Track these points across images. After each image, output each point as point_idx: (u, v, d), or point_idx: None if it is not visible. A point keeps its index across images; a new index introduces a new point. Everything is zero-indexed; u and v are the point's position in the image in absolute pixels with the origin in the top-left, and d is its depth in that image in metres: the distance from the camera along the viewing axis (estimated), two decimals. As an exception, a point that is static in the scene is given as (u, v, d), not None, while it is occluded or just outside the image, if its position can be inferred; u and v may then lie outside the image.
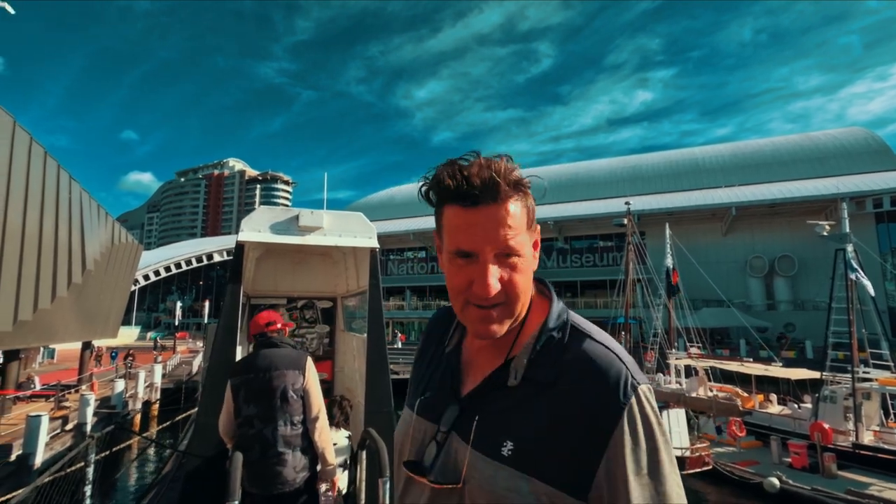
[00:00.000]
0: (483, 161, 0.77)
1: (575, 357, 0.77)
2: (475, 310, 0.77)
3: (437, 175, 0.78)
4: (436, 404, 0.87)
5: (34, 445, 9.41)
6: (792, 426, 15.89)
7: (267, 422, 2.84)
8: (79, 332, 16.24)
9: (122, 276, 19.57)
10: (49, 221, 11.36)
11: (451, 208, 0.78)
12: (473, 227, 0.75)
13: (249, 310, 5.65)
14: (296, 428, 2.89)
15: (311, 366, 3.05)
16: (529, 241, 0.82)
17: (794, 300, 35.81)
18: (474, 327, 0.79)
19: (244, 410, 2.88)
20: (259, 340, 3.10)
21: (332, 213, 4.14)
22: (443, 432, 0.83)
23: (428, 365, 0.98)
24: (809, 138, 45.17)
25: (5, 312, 9.63)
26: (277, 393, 2.87)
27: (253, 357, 3.01)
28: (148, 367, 21.49)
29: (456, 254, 0.77)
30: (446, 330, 0.98)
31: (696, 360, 20.63)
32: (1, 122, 9.05)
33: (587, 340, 0.79)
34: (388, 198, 62.83)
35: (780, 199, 35.68)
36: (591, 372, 0.74)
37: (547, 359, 0.78)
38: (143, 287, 59.55)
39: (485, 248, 0.75)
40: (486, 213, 0.75)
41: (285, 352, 3.02)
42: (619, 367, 0.73)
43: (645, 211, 38.71)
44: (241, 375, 2.95)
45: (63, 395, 14.50)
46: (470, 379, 0.86)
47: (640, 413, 0.70)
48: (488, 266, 0.75)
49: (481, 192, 0.74)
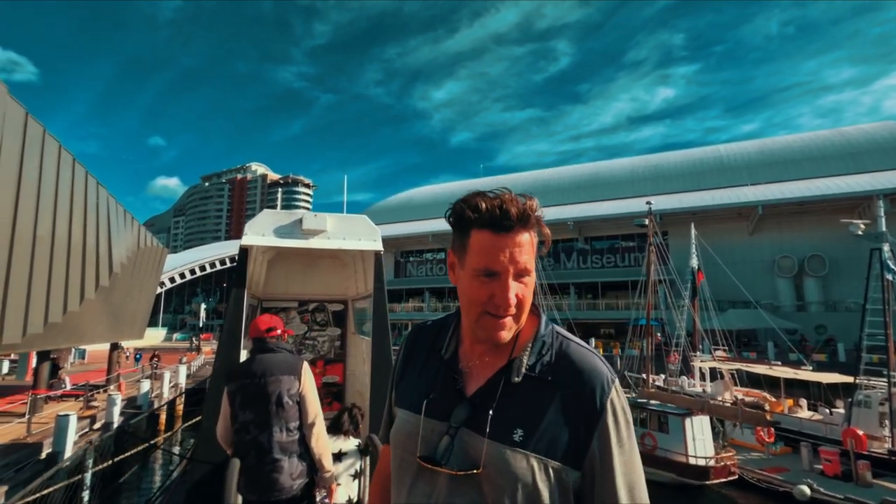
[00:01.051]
0: (513, 196, 0.92)
1: (566, 358, 0.95)
2: (491, 319, 0.92)
3: (472, 202, 0.92)
4: (443, 404, 0.98)
5: (63, 444, 9.69)
6: (823, 432, 15.34)
7: (262, 428, 2.81)
8: (106, 333, 16.72)
9: (148, 278, 20.08)
10: (77, 226, 11.72)
11: (481, 233, 0.91)
12: (502, 251, 0.90)
13: (261, 312, 5.68)
14: (291, 434, 2.86)
15: (307, 371, 3.01)
16: (533, 263, 0.95)
17: (826, 301, 34.61)
18: (488, 333, 0.93)
19: (240, 416, 2.86)
20: (256, 345, 3.07)
21: (336, 217, 4.13)
22: (454, 427, 0.94)
23: (420, 373, 1.08)
24: (841, 133, 43.58)
25: (36, 315, 9.95)
26: (273, 398, 2.83)
27: (249, 362, 2.99)
28: (173, 367, 21.99)
29: (482, 272, 0.91)
30: (434, 342, 1.10)
31: (721, 362, 20.08)
32: (31, 131, 9.35)
33: (572, 344, 0.98)
34: (407, 200, 63.03)
35: (810, 197, 34.56)
36: (580, 369, 0.93)
37: (543, 359, 0.95)
38: (170, 290, 61.10)
39: (508, 268, 0.90)
40: (514, 240, 0.90)
41: (281, 357, 2.99)
42: (601, 365, 0.94)
43: (667, 210, 37.96)
44: (237, 381, 2.92)
45: (92, 394, 14.93)
46: (473, 380, 0.98)
47: (619, 400, 0.92)
48: (509, 283, 0.90)
49: (515, 222, 0.90)
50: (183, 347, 42.94)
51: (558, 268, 44.87)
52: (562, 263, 45.84)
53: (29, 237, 9.46)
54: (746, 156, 45.54)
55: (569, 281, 41.90)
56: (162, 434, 16.30)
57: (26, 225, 9.33)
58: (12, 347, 9.84)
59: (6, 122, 8.47)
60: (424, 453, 0.95)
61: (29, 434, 10.84)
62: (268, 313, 3.24)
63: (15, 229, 8.90)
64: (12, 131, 8.73)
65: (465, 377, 1.00)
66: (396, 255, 53.53)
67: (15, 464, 9.15)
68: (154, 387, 17.68)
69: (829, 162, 40.51)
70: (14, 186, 8.89)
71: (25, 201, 9.23)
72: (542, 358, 0.95)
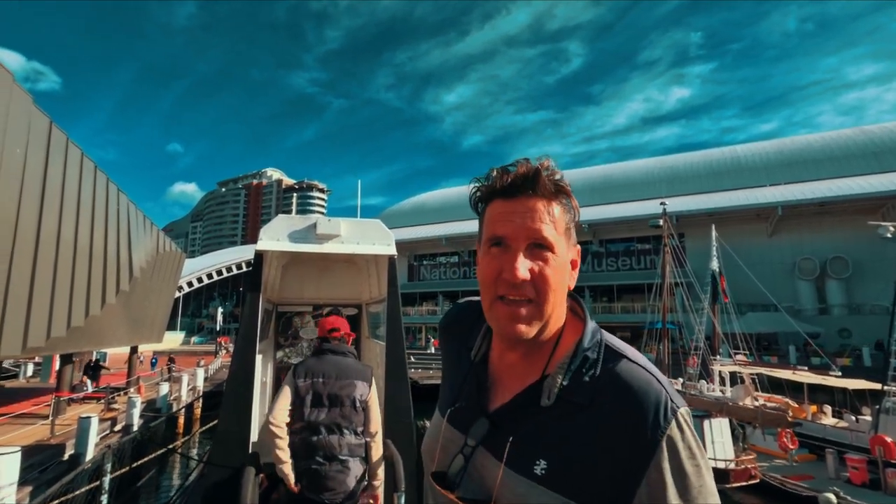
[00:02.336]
0: (528, 162, 0.81)
1: (611, 378, 0.75)
2: (503, 306, 0.77)
3: (487, 174, 0.83)
4: (465, 415, 0.87)
5: (84, 445, 9.87)
6: (849, 439, 14.91)
7: (333, 429, 2.84)
8: (126, 337, 17.03)
9: (167, 283, 20.43)
10: (99, 232, 11.98)
11: (494, 203, 0.81)
12: (511, 215, 0.78)
13: (276, 317, 5.71)
14: (359, 437, 2.91)
15: (374, 380, 3.10)
16: (566, 247, 0.81)
17: (849, 304, 33.72)
18: (501, 325, 0.78)
19: (309, 415, 2.86)
20: (323, 346, 3.09)
21: (350, 221, 4.14)
22: (469, 446, 0.83)
23: (455, 368, 0.98)
24: (863, 132, 42.52)
25: (59, 319, 10.19)
26: (347, 402, 2.88)
27: (320, 361, 2.99)
28: (191, 370, 22.30)
29: (490, 242, 0.80)
30: (469, 329, 0.98)
31: (743, 367, 19.68)
32: (55, 140, 9.60)
33: (623, 361, 0.77)
34: (421, 203, 63.21)
35: (832, 198, 33.74)
36: (628, 394, 0.73)
37: (582, 379, 0.77)
38: (187, 294, 62.08)
39: (519, 235, 0.77)
40: (525, 204, 0.78)
41: (353, 361, 3.05)
42: (658, 390, 0.72)
43: (683, 212, 37.44)
44: (310, 378, 2.92)
45: (112, 397, 15.20)
46: (499, 394, 0.86)
47: (681, 438, 0.70)
48: (519, 253, 0.77)
49: (522, 182, 0.78)
50: (201, 351, 43.52)
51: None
52: (576, 266, 45.43)
53: (52, 243, 9.70)
54: (765, 156, 44.73)
55: (583, 284, 41.54)
56: (180, 437, 16.51)
57: (50, 231, 9.57)
58: (36, 350, 10.08)
59: (31, 131, 8.71)
60: (438, 468, 0.87)
61: (52, 436, 11.07)
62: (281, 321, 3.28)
63: (39, 236, 9.13)
64: (37, 140, 8.97)
65: (491, 387, 0.88)
66: (410, 259, 53.68)
67: (39, 465, 9.35)
68: (172, 390, 17.94)
69: (852, 161, 39.55)
70: (39, 194, 9.13)
71: (49, 209, 9.47)
72: (581, 377, 0.77)
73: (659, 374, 0.75)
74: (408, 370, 3.88)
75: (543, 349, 0.82)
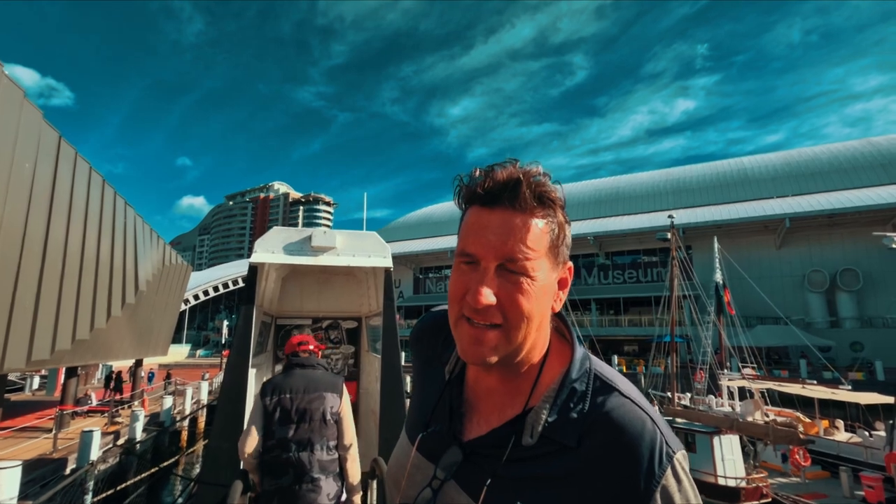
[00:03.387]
0: (515, 166, 0.72)
1: (601, 415, 0.68)
2: (467, 326, 0.69)
3: (471, 173, 0.74)
4: (436, 442, 0.79)
5: (87, 460, 9.82)
6: (864, 456, 14.54)
7: (304, 445, 2.74)
8: (132, 349, 17.07)
9: (172, 296, 20.52)
10: (106, 245, 12.09)
11: (471, 210, 0.73)
12: (483, 230, 0.69)
13: (275, 330, 5.68)
14: (331, 453, 2.80)
15: (346, 390, 2.98)
16: (549, 268, 0.71)
17: (861, 317, 33.19)
18: (462, 347, 0.71)
19: (278, 433, 2.76)
20: (291, 360, 3.02)
21: (346, 233, 4.12)
22: (438, 479, 0.75)
23: (426, 386, 0.89)
24: (871, 143, 42.27)
25: (64, 331, 10.24)
26: (317, 415, 2.78)
27: (287, 377, 2.92)
28: (195, 383, 22.27)
29: (460, 256, 0.72)
30: (444, 342, 0.88)
31: (751, 381, 19.34)
32: (64, 153, 9.75)
33: (614, 395, 0.70)
34: (426, 216, 63.34)
35: (841, 209, 33.43)
36: (621, 436, 0.66)
37: (569, 415, 0.69)
38: (193, 306, 62.27)
39: (488, 254, 0.68)
40: (501, 217, 0.69)
41: (321, 373, 2.95)
42: (653, 432, 0.65)
43: (690, 224, 37.24)
44: (277, 395, 2.83)
45: (116, 410, 15.18)
46: (474, 421, 0.77)
47: (678, 488, 0.63)
48: (487, 274, 0.68)
49: (499, 191, 0.69)
50: (206, 364, 43.49)
51: (579, 283, 44.24)
52: (583, 279, 45.18)
53: (59, 256, 9.79)
54: (772, 168, 44.54)
55: (590, 297, 41.27)
56: (184, 451, 16.42)
57: (57, 244, 9.66)
58: (41, 363, 10.11)
59: (41, 145, 8.85)
60: (403, 501, 0.78)
61: (55, 450, 11.04)
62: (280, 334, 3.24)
63: (46, 249, 9.22)
64: (46, 154, 9.10)
65: (466, 412, 0.79)
66: (416, 272, 53.64)
67: (41, 479, 9.31)
68: (176, 403, 17.89)
69: (860, 173, 39.27)
70: (46, 207, 9.24)
71: (57, 222, 9.58)
72: (568, 413, 0.69)
73: (653, 413, 0.69)
74: (405, 386, 3.82)
75: (524, 376, 0.74)
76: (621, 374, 0.75)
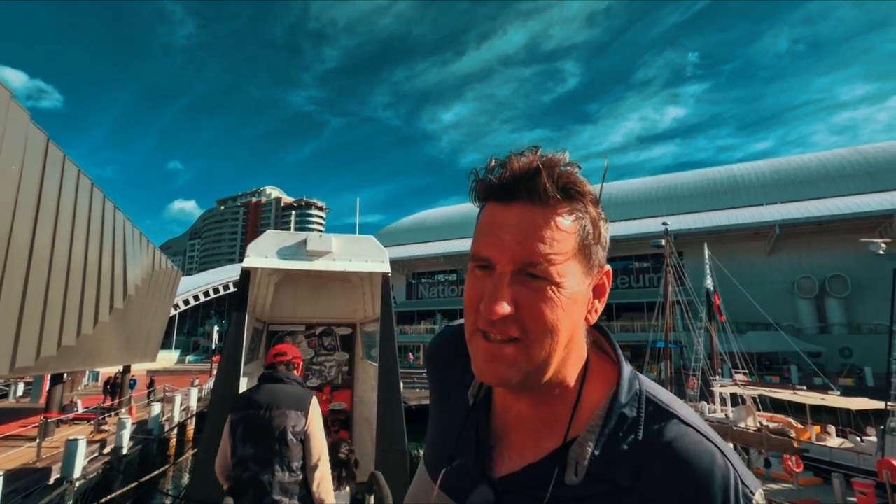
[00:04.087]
0: (535, 154, 0.61)
1: (659, 448, 0.57)
2: (482, 341, 0.59)
3: (487, 165, 0.64)
4: (461, 478, 0.68)
5: (71, 469, 9.59)
6: (855, 461, 14.60)
7: (263, 465, 2.60)
8: (120, 356, 16.77)
9: (162, 301, 20.23)
10: (94, 249, 11.87)
11: (488, 207, 0.63)
12: (498, 229, 0.59)
13: (267, 337, 5.55)
14: (294, 474, 2.64)
15: (315, 407, 2.80)
16: (580, 273, 0.61)
17: (849, 323, 33.57)
18: (476, 365, 0.61)
19: (240, 450, 2.65)
20: (265, 373, 2.89)
21: (342, 237, 4.03)
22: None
23: (446, 411, 0.78)
24: (858, 152, 43.00)
25: (50, 337, 10.01)
26: (276, 434, 2.63)
27: (255, 392, 2.79)
28: (184, 390, 21.92)
29: (474, 260, 0.62)
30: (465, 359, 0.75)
31: (744, 387, 19.41)
32: (52, 156, 9.57)
33: (672, 423, 0.59)
34: (419, 221, 63.30)
35: (830, 216, 33.87)
36: (684, 473, 0.55)
37: (619, 448, 0.58)
38: (183, 312, 61.54)
39: (504, 257, 0.58)
40: (519, 214, 0.59)
41: (290, 389, 2.78)
42: (725, 469, 0.55)
43: (682, 231, 37.51)
44: (241, 411, 2.72)
45: (103, 418, 14.87)
46: (506, 454, 0.67)
47: None
48: (502, 280, 0.58)
49: (516, 183, 0.59)
50: (196, 370, 42.90)
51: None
52: (575, 285, 45.32)
53: (45, 260, 9.58)
54: (761, 175, 45.09)
55: (582, 303, 41.38)
56: (172, 459, 16.12)
57: (44, 247, 9.46)
58: (25, 370, 9.86)
59: (28, 147, 8.68)
60: None
61: (39, 458, 10.77)
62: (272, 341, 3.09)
63: (32, 252, 9.02)
64: (33, 156, 8.93)
65: (495, 443, 0.68)
66: (408, 277, 53.47)
67: (23, 489, 9.06)
68: (165, 410, 17.58)
69: (847, 181, 39.85)
70: (33, 210, 9.05)
71: (44, 224, 9.38)
72: (618, 446, 0.58)
73: (723, 445, 0.57)
74: (402, 395, 3.70)
75: (559, 400, 0.64)
76: (677, 397, 0.65)
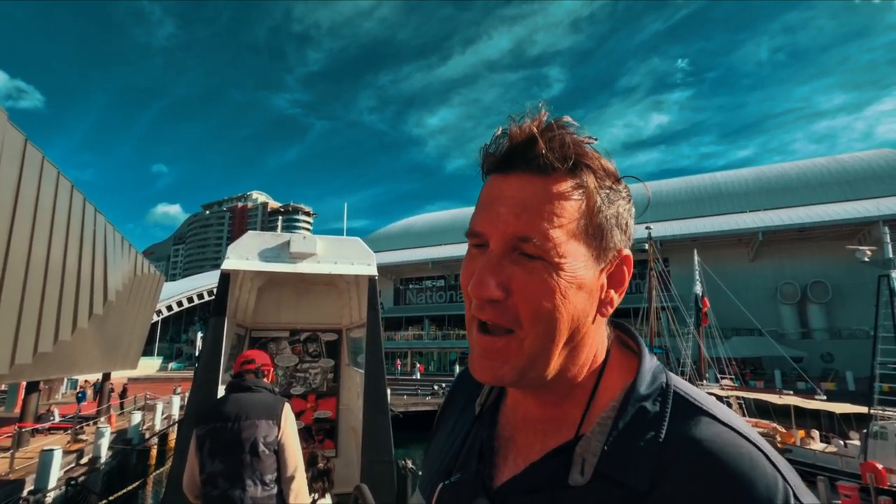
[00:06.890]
0: (540, 118, 0.53)
1: (687, 446, 0.47)
2: (477, 334, 0.53)
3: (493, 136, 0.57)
4: (458, 494, 0.60)
5: (46, 480, 9.25)
6: (839, 465, 14.77)
7: (233, 481, 2.40)
8: (99, 363, 16.32)
9: (144, 306, 19.78)
10: (73, 253, 11.55)
11: (490, 179, 0.56)
12: (496, 202, 0.52)
13: (249, 343, 5.38)
14: (267, 488, 2.45)
15: (288, 414, 2.61)
16: (587, 255, 0.52)
17: (830, 328, 34.21)
18: (471, 361, 0.54)
19: (208, 466, 2.45)
20: (232, 382, 2.70)
21: (327, 239, 3.89)
22: None
23: (451, 433, 0.70)
24: (837, 161, 44.12)
25: (26, 345, 9.67)
26: (246, 446, 2.43)
27: (222, 402, 2.59)
28: (166, 398, 21.42)
29: (470, 237, 0.55)
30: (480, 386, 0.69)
31: (728, 391, 19.60)
32: (30, 157, 9.30)
33: (705, 420, 0.49)
34: (407, 227, 63.19)
35: (811, 224, 34.59)
36: (717, 479, 0.44)
37: (635, 445, 0.49)
38: (166, 318, 60.45)
39: (496, 231, 0.51)
40: (517, 185, 0.52)
41: (259, 397, 2.59)
42: (771, 479, 0.44)
43: (667, 237, 37.94)
44: (207, 424, 2.52)
45: (80, 427, 14.43)
46: (510, 460, 0.58)
47: None
48: (492, 257, 0.51)
49: (512, 151, 0.53)
50: (178, 377, 42.05)
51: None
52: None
53: (22, 264, 9.28)
54: (744, 183, 45.94)
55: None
56: (152, 469, 15.68)
57: (20, 251, 9.17)
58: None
59: (4, 147, 8.42)
60: None
61: (12, 470, 10.37)
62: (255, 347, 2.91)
63: (8, 255, 8.73)
64: (10, 157, 8.67)
65: (499, 450, 0.60)
66: (396, 283, 53.21)
67: (-6, 502, 8.71)
68: (145, 419, 17.14)
69: (827, 189, 40.81)
70: (9, 211, 8.76)
71: (20, 227, 9.09)
72: (633, 442, 0.49)
73: (771, 451, 0.46)
74: (389, 403, 3.58)
75: (572, 401, 0.56)
76: (712, 396, 0.54)
